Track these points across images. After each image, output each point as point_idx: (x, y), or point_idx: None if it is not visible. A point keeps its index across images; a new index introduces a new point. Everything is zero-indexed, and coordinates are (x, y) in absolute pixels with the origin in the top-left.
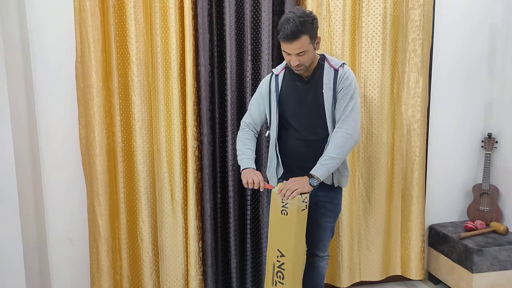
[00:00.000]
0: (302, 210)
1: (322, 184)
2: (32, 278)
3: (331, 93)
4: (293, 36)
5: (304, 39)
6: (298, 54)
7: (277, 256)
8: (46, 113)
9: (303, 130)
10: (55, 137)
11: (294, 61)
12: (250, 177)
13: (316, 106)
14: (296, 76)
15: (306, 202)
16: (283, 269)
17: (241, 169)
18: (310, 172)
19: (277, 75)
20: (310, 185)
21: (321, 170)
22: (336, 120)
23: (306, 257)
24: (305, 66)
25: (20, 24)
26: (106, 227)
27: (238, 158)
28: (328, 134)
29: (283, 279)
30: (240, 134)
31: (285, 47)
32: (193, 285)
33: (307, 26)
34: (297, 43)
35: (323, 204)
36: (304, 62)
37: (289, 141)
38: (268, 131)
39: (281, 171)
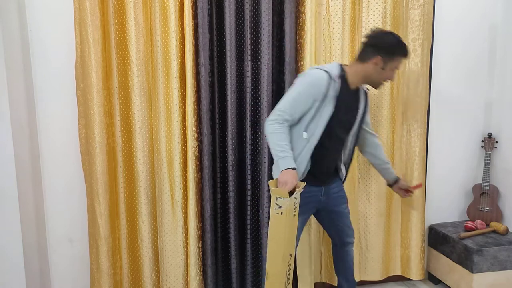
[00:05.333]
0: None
1: (337, 179)
2: (32, 278)
3: (361, 113)
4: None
5: None
6: None
7: (288, 261)
8: (46, 113)
9: (338, 140)
10: (55, 137)
11: (394, 77)
12: (292, 180)
13: (353, 122)
14: (348, 88)
15: (296, 207)
16: (291, 269)
17: (283, 167)
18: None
19: (335, 81)
20: None
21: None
22: (369, 129)
23: (339, 249)
24: None
25: (20, 24)
26: (106, 227)
27: (276, 152)
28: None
29: (289, 278)
30: (276, 126)
31: (399, 63)
32: (193, 285)
33: None
34: None
35: (337, 194)
36: None
37: (324, 150)
38: (305, 133)
39: (304, 176)
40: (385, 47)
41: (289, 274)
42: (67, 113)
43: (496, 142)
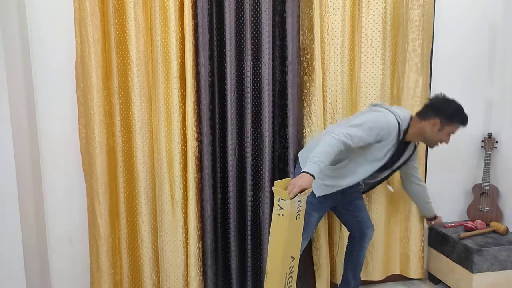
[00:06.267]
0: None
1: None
2: (32, 278)
3: (402, 161)
4: None
5: None
6: None
7: (289, 263)
8: (46, 113)
9: (370, 176)
10: (55, 137)
11: (449, 141)
12: (302, 185)
13: (390, 166)
14: (404, 139)
15: (300, 211)
16: (293, 271)
17: (307, 169)
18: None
19: (400, 134)
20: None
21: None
22: (415, 174)
23: (357, 242)
24: None
25: (20, 24)
26: (106, 227)
27: (314, 156)
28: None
29: (291, 281)
30: (334, 142)
31: (456, 129)
32: (193, 285)
33: None
34: None
35: (353, 190)
36: None
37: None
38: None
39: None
40: (445, 112)
41: (291, 277)
42: (67, 113)
43: (496, 142)
